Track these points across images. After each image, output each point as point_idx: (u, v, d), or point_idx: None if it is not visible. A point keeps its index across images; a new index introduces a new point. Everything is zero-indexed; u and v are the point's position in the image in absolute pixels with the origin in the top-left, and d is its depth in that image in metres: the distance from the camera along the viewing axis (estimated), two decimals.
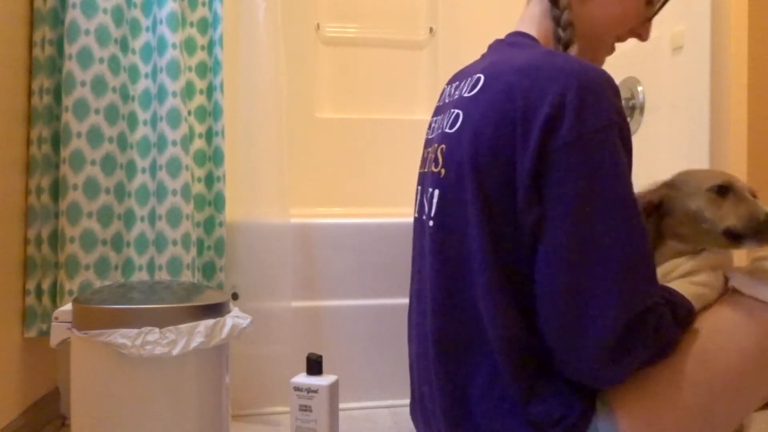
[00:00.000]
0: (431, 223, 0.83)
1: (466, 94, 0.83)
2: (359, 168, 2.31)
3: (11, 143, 1.29)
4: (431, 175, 0.86)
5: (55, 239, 1.37)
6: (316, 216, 1.69)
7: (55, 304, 1.35)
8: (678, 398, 0.73)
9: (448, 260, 0.80)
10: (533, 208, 0.72)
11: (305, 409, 1.23)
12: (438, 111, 0.94)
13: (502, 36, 0.93)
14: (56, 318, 1.07)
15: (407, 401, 1.00)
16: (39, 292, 1.36)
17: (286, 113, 1.59)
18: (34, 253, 1.35)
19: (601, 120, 0.70)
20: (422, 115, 2.37)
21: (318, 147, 2.28)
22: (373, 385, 1.59)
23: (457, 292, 0.79)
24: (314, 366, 1.26)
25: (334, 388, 1.25)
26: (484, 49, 0.95)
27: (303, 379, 1.25)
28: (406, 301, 0.99)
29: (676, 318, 0.74)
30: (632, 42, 0.94)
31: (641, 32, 0.91)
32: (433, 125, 0.95)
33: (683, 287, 0.81)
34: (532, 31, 0.89)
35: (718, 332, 0.76)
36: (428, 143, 0.94)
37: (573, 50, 0.84)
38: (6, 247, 1.26)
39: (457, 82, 0.89)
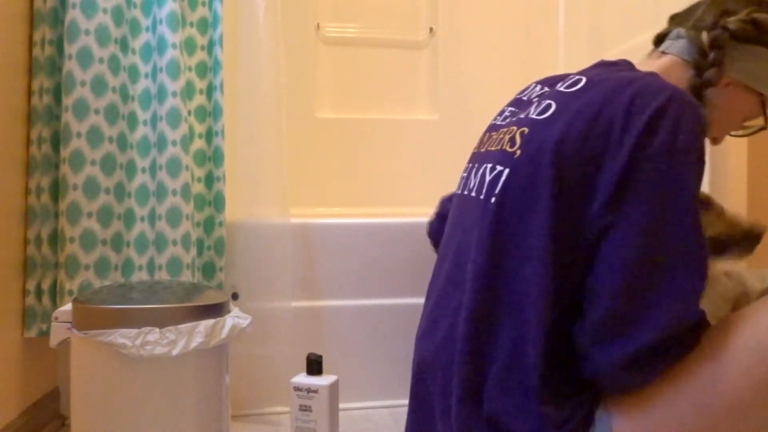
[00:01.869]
0: (493, 199, 0.82)
1: (563, 89, 0.83)
2: (359, 168, 2.31)
3: (11, 143, 1.29)
4: (501, 154, 0.85)
5: (55, 239, 1.37)
6: (316, 216, 1.69)
7: (55, 304, 1.35)
8: (677, 417, 0.73)
9: (504, 239, 0.80)
10: (609, 209, 0.73)
11: (305, 409, 1.23)
12: (519, 102, 0.95)
13: (501, 35, 0.93)
14: (56, 318, 1.07)
15: (407, 401, 1.00)
16: (39, 292, 1.36)
17: (286, 113, 1.59)
18: (34, 253, 1.35)
19: (693, 141, 0.72)
20: (422, 115, 2.37)
21: (318, 147, 2.28)
22: (373, 385, 1.59)
23: (505, 271, 0.79)
24: (314, 366, 1.26)
25: (334, 388, 1.25)
26: (484, 49, 0.96)
27: (303, 379, 1.25)
28: (407, 300, 0.99)
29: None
30: (632, 42, 0.94)
31: (718, 137, 0.95)
32: (506, 113, 0.95)
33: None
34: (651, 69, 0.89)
35: (733, 361, 0.73)
36: (495, 128, 0.93)
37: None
38: (6, 247, 1.26)
39: (551, 82, 0.91)
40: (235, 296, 1.52)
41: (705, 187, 1.37)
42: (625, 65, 0.89)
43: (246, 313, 1.15)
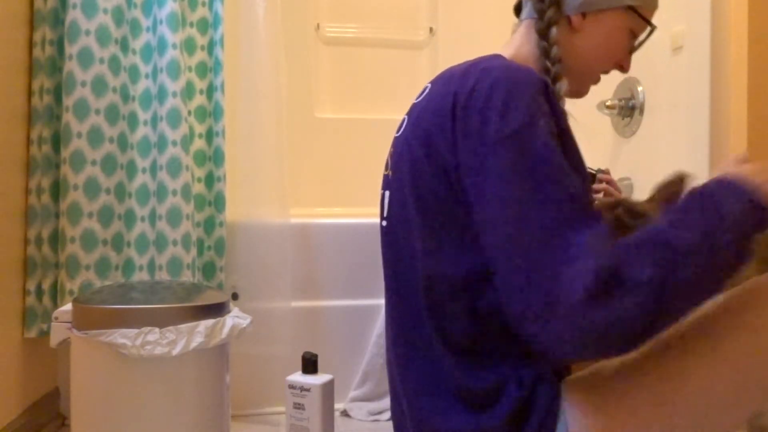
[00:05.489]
0: (384, 223, 0.86)
1: (414, 101, 0.87)
2: (359, 168, 2.31)
3: (11, 143, 1.29)
4: (384, 180, 0.90)
5: (56, 239, 1.38)
6: (316, 216, 1.69)
7: (55, 304, 1.35)
8: (639, 411, 0.72)
9: (397, 258, 0.83)
10: (465, 195, 0.72)
11: (299, 407, 1.24)
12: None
13: (501, 35, 0.94)
14: (56, 318, 1.07)
15: None
16: (39, 292, 1.36)
17: (286, 113, 1.59)
18: (35, 253, 1.36)
19: (525, 116, 0.70)
20: None
21: (318, 147, 2.28)
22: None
23: (404, 288, 0.82)
24: (309, 365, 1.26)
25: (327, 387, 1.25)
26: (484, 49, 0.96)
27: (297, 377, 1.26)
28: None
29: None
30: None
31: (624, 64, 0.94)
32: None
33: None
34: (507, 54, 0.90)
35: (694, 352, 0.72)
36: None
37: (563, 84, 0.86)
38: (6, 247, 1.27)
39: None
40: (235, 296, 1.52)
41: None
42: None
43: (246, 313, 1.15)
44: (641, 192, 1.41)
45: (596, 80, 0.94)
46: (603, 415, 0.73)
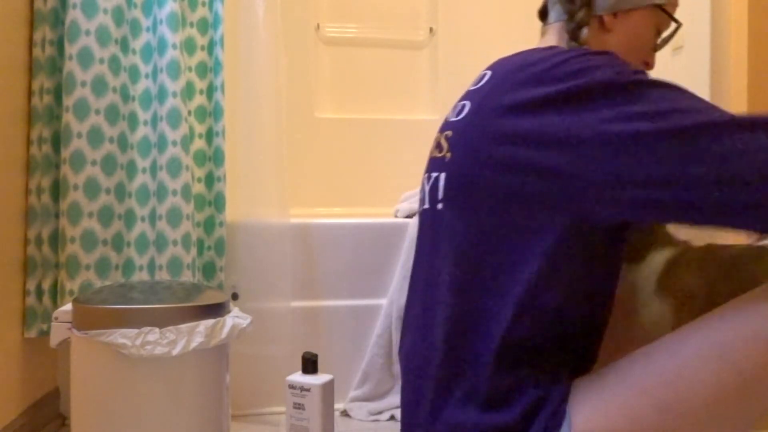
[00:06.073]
0: (440, 206, 0.82)
1: (472, 88, 0.85)
2: (359, 168, 2.31)
3: (11, 143, 1.29)
4: (432, 162, 0.86)
5: (56, 239, 1.38)
6: (316, 216, 1.69)
7: (55, 304, 1.35)
8: (637, 414, 0.72)
9: (448, 242, 0.80)
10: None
11: (299, 407, 1.24)
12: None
13: (501, 35, 0.94)
14: (56, 318, 1.07)
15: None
16: (39, 292, 1.36)
17: (286, 113, 1.59)
18: (35, 253, 1.36)
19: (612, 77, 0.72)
20: (422, 115, 2.37)
21: (318, 147, 2.28)
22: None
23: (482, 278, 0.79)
24: (309, 365, 1.26)
25: (327, 387, 1.25)
26: (484, 49, 0.97)
27: (297, 377, 1.26)
28: None
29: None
30: None
31: (649, 61, 0.95)
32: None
33: None
34: None
35: (699, 358, 0.72)
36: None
37: None
38: (6, 247, 1.27)
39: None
40: (235, 296, 1.52)
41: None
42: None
43: (246, 313, 1.15)
44: None
45: None
46: (605, 419, 0.73)
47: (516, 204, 0.73)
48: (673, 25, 0.94)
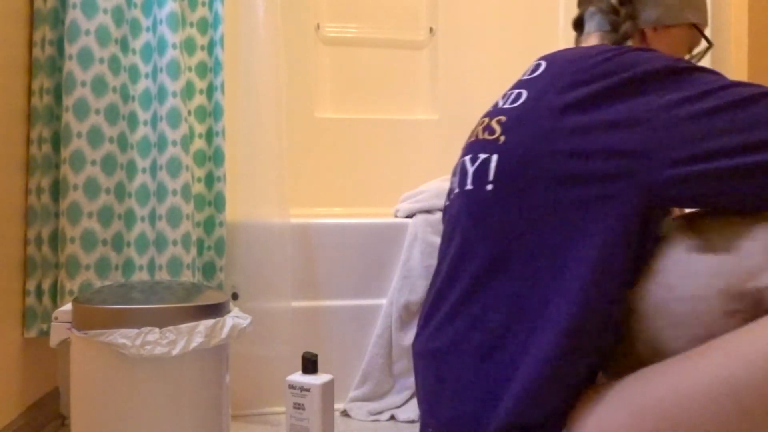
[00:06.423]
0: (489, 186, 0.82)
1: (527, 77, 0.86)
2: (359, 168, 2.31)
3: (11, 143, 1.29)
4: (480, 144, 0.86)
5: (56, 239, 1.38)
6: (316, 216, 1.69)
7: (55, 304, 1.35)
8: (641, 424, 0.72)
9: (501, 225, 0.81)
10: None
11: (299, 407, 1.24)
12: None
13: (501, 35, 0.95)
14: (56, 318, 1.07)
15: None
16: (39, 292, 1.36)
17: (286, 113, 1.59)
18: (34, 253, 1.36)
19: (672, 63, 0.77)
20: (422, 115, 2.37)
21: (318, 147, 2.28)
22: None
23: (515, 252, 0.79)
24: (309, 365, 1.26)
25: (327, 387, 1.25)
26: (484, 49, 0.97)
27: (297, 377, 1.26)
28: None
29: None
30: None
31: None
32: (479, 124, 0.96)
33: None
34: None
35: (701, 386, 0.69)
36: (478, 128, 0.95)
37: None
38: (6, 247, 1.27)
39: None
40: (235, 296, 1.52)
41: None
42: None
43: (246, 313, 1.15)
44: None
45: None
46: (605, 424, 0.73)
47: (578, 186, 0.74)
48: (704, 44, 0.99)
